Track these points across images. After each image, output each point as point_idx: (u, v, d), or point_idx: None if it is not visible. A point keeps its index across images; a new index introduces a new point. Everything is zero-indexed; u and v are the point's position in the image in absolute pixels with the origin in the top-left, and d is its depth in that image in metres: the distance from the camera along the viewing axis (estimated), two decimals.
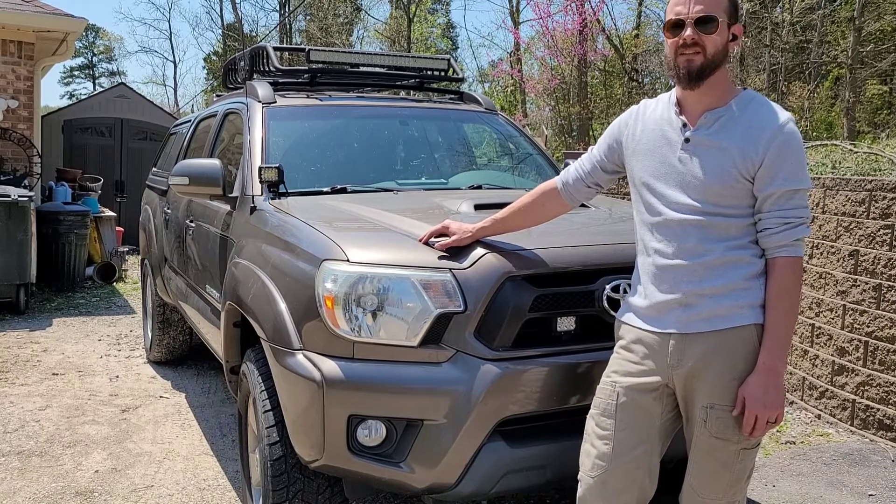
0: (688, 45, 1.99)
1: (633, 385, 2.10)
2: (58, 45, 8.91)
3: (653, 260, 2.09)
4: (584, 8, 14.68)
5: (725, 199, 1.99)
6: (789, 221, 1.96)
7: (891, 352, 4.09)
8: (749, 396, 1.96)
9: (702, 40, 1.98)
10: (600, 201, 3.51)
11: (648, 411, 2.10)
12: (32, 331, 6.45)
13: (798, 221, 1.96)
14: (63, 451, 3.89)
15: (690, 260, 2.02)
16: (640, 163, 2.16)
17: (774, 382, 1.95)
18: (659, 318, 2.07)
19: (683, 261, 2.03)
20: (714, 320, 2.00)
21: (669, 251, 2.05)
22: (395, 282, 2.36)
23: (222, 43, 34.40)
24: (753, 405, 1.95)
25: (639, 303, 2.13)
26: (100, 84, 45.32)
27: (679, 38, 2.00)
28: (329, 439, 2.36)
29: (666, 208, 2.06)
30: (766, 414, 1.95)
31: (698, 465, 2.08)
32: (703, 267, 2.00)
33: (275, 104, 3.78)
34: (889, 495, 3.55)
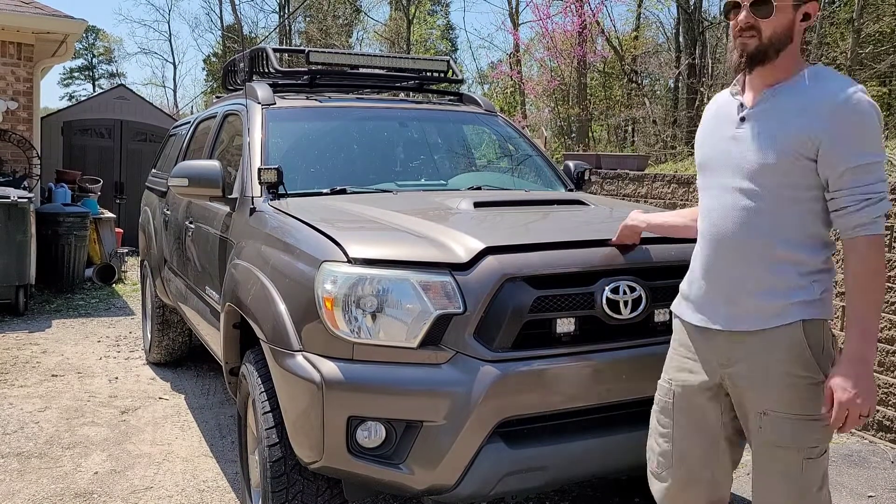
0: (744, 29, 1.89)
1: (686, 383, 2.06)
2: (57, 46, 8.91)
3: (703, 250, 2.02)
4: (583, 9, 14.69)
5: (781, 179, 1.87)
6: (869, 197, 1.80)
7: (890, 353, 4.09)
8: (837, 388, 1.80)
9: (757, 24, 1.87)
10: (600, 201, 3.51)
11: (705, 411, 2.04)
12: (32, 332, 6.45)
13: (878, 197, 1.81)
14: (62, 453, 3.88)
15: (739, 251, 1.93)
16: (698, 153, 2.09)
17: (865, 372, 1.79)
18: (707, 312, 2.00)
19: (731, 251, 1.94)
20: (760, 318, 1.90)
21: (717, 240, 1.97)
22: (394, 283, 2.36)
23: (222, 44, 34.39)
24: (844, 395, 1.78)
25: (690, 295, 2.07)
26: (99, 85, 45.33)
27: (736, 21, 1.91)
28: (328, 441, 2.35)
29: (717, 193, 1.98)
30: (858, 407, 1.78)
31: (759, 475, 1.97)
32: (752, 260, 1.91)
33: (274, 105, 3.78)
34: (888, 496, 3.55)
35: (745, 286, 1.92)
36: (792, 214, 1.88)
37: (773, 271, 1.89)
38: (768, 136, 1.89)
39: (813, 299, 1.89)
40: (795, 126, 1.85)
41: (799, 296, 1.88)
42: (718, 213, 1.97)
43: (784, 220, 1.88)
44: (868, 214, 1.80)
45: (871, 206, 1.80)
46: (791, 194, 1.87)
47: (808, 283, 1.89)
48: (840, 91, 1.82)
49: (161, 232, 5.05)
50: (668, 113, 17.69)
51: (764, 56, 1.89)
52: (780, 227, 1.89)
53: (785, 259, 1.89)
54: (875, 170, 1.81)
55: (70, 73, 47.30)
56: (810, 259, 1.90)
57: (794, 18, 1.89)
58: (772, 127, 1.89)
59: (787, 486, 1.92)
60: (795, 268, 1.89)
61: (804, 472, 1.91)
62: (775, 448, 1.91)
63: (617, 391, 2.51)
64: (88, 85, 47.21)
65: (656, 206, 5.84)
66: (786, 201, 1.88)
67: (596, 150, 15.04)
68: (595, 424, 2.51)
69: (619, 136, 19.68)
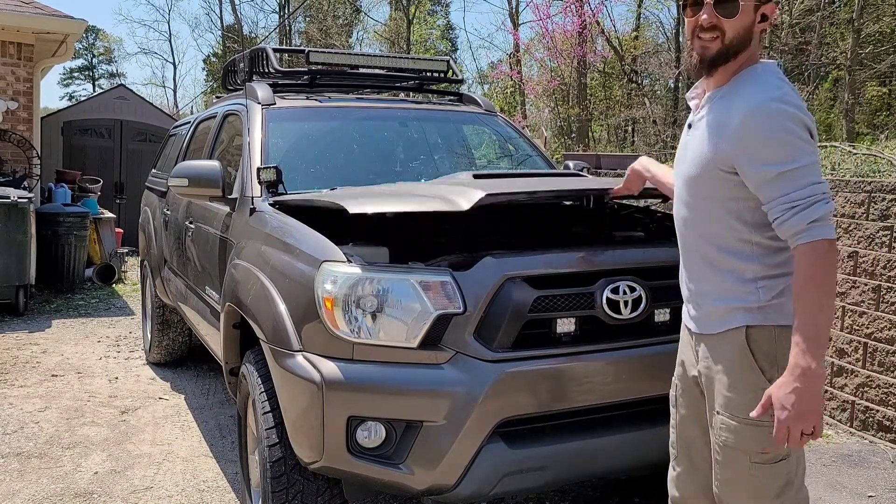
0: (705, 29, 1.81)
1: (682, 376, 2.11)
2: (57, 46, 8.90)
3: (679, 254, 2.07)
4: (583, 9, 14.69)
5: (707, 191, 1.84)
6: (796, 204, 1.72)
7: (890, 353, 4.09)
8: (777, 402, 1.72)
9: (721, 24, 1.79)
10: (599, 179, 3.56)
11: (698, 405, 2.06)
12: (32, 332, 6.45)
13: (807, 202, 1.71)
14: (62, 453, 3.88)
15: (690, 256, 1.98)
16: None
17: (808, 387, 1.69)
18: (687, 312, 2.06)
19: (686, 257, 2.00)
20: (713, 322, 1.93)
21: (679, 245, 2.03)
22: (394, 283, 2.36)
23: (222, 44, 34.40)
24: (782, 414, 1.71)
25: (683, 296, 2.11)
26: (99, 86, 45.32)
27: (697, 20, 1.83)
28: (328, 441, 2.35)
29: (675, 201, 2.02)
30: (800, 424, 1.70)
31: (718, 473, 1.96)
32: (700, 265, 1.95)
33: (274, 106, 3.78)
34: (889, 496, 3.55)
35: (700, 290, 1.97)
36: (721, 223, 1.87)
37: (717, 277, 1.91)
38: (697, 147, 1.88)
39: (759, 305, 1.85)
40: (713, 141, 1.83)
41: (743, 301, 1.86)
42: (676, 220, 2.04)
43: (716, 229, 1.88)
44: (800, 221, 1.72)
45: (801, 212, 1.72)
46: (718, 205, 1.86)
47: (752, 289, 1.85)
48: (749, 101, 1.76)
49: (161, 232, 5.05)
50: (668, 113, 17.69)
51: (724, 59, 1.82)
52: (713, 234, 1.89)
53: (723, 265, 1.90)
54: (797, 176, 1.72)
55: (70, 73, 47.32)
56: (748, 266, 1.85)
57: (754, 19, 1.83)
58: (700, 139, 1.88)
59: (741, 486, 1.92)
60: (733, 274, 1.88)
61: (753, 477, 1.88)
62: (726, 448, 1.92)
63: (617, 391, 2.51)
64: (88, 85, 47.24)
65: (656, 207, 5.84)
66: (715, 211, 1.87)
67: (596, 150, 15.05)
68: (595, 424, 2.51)
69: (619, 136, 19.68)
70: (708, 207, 1.88)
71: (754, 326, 1.86)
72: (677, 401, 2.15)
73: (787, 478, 1.90)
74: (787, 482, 1.90)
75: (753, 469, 1.87)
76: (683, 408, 2.12)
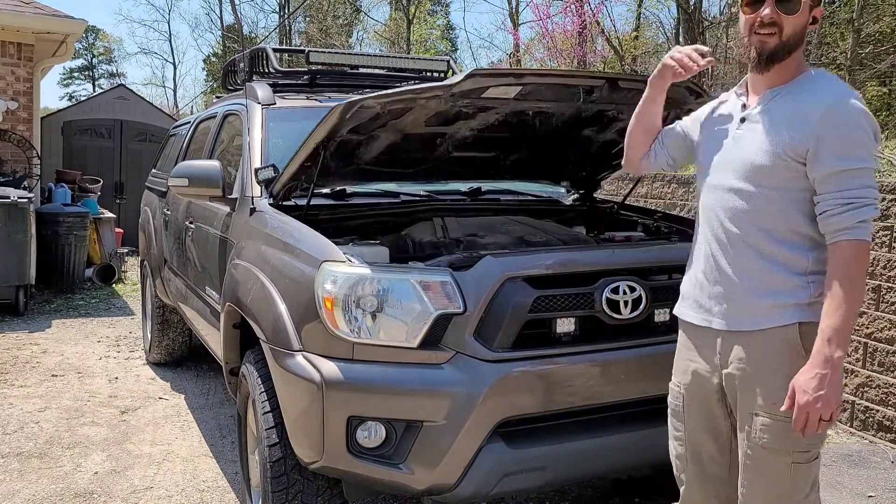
0: (764, 25, 1.86)
1: (693, 385, 2.06)
2: (57, 46, 8.90)
3: (703, 249, 2.02)
4: (583, 9, 14.68)
5: (773, 181, 1.87)
6: (852, 202, 1.79)
7: (890, 353, 4.09)
8: (799, 389, 1.78)
9: (781, 20, 1.85)
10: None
11: (713, 411, 2.04)
12: (32, 332, 6.45)
13: (861, 202, 1.79)
14: (62, 453, 3.88)
15: (734, 250, 1.93)
16: (699, 151, 2.09)
17: (829, 375, 1.76)
18: (707, 312, 1.99)
19: (727, 251, 1.94)
20: (756, 318, 1.90)
21: (715, 240, 1.97)
22: (394, 283, 2.36)
23: (222, 44, 34.39)
24: (803, 398, 1.77)
25: (691, 295, 2.06)
26: (99, 86, 45.28)
27: (756, 16, 1.87)
28: (328, 441, 2.35)
29: (715, 191, 1.98)
30: (819, 410, 1.76)
31: (747, 477, 1.94)
32: (746, 259, 1.91)
33: (274, 105, 3.78)
34: (889, 496, 3.55)
35: (743, 285, 1.92)
36: (783, 215, 1.88)
37: (768, 271, 1.89)
38: (763, 138, 1.89)
39: (809, 301, 1.88)
40: (788, 130, 1.86)
41: (794, 297, 1.88)
42: (716, 212, 1.98)
43: (775, 220, 1.89)
44: (850, 219, 1.79)
45: (853, 210, 1.79)
46: (783, 196, 1.88)
47: (804, 283, 1.88)
48: (832, 96, 1.82)
49: (161, 232, 5.05)
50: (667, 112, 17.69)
51: (781, 55, 1.88)
52: (772, 227, 1.89)
53: (778, 259, 1.89)
54: (859, 175, 1.80)
55: (70, 73, 47.27)
56: (802, 259, 1.88)
57: (808, 19, 1.89)
58: (767, 129, 1.89)
59: (774, 490, 1.91)
60: (787, 268, 1.88)
61: (791, 477, 1.89)
62: (763, 450, 1.90)
63: (617, 391, 2.51)
64: (88, 85, 47.19)
65: (656, 206, 5.85)
66: (777, 202, 1.88)
67: None
68: (595, 424, 2.51)
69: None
70: (771, 197, 1.88)
71: (807, 323, 1.87)
72: (684, 411, 2.10)
73: (814, 478, 1.93)
74: (814, 482, 1.94)
75: (792, 469, 1.88)
76: (693, 418, 2.08)
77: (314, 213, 3.15)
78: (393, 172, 3.37)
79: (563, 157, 3.61)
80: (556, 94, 2.85)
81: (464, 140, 3.20)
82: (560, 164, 3.66)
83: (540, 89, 2.75)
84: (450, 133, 3.14)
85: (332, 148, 2.92)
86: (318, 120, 3.10)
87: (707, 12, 18.19)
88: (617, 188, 6.55)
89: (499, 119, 3.06)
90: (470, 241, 3.04)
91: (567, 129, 3.29)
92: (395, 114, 2.78)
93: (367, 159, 3.17)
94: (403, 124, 2.90)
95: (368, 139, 3.00)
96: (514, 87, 2.67)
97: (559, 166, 3.69)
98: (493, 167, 3.57)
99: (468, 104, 2.81)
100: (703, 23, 17.13)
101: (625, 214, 3.77)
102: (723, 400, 2.03)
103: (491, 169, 3.59)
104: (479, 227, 3.25)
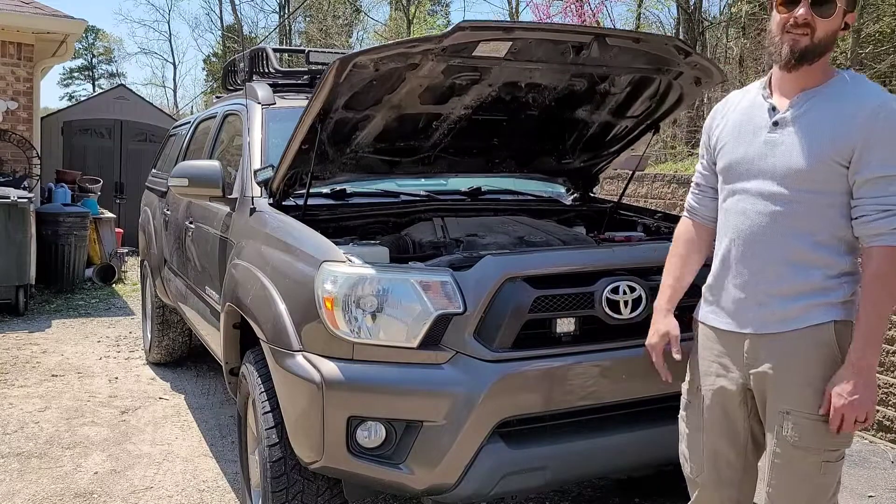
0: (798, 25, 1.86)
1: (715, 387, 2.05)
2: (57, 46, 8.90)
3: (732, 253, 2.00)
4: (583, 9, 14.69)
5: (813, 184, 1.86)
6: (889, 209, 1.80)
7: (890, 353, 4.09)
8: (836, 393, 1.83)
9: (814, 22, 1.85)
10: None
11: (733, 415, 2.04)
12: (31, 332, 6.45)
13: None
14: (62, 453, 3.88)
15: (770, 254, 1.92)
16: (725, 154, 2.06)
17: (864, 378, 1.81)
18: (737, 316, 1.99)
19: (759, 255, 1.93)
20: (789, 321, 1.90)
21: (749, 243, 1.95)
22: (394, 283, 2.36)
23: (222, 44, 34.40)
24: (839, 402, 1.82)
25: (717, 300, 2.05)
26: (99, 86, 45.27)
27: (790, 16, 1.87)
28: (328, 441, 2.35)
29: (748, 196, 1.96)
30: (855, 412, 1.81)
31: (776, 476, 1.95)
32: (781, 263, 1.90)
33: (274, 105, 3.78)
34: (888, 496, 3.55)
35: (777, 289, 1.92)
36: (823, 218, 1.88)
37: (805, 274, 1.89)
38: (805, 141, 1.88)
39: (843, 300, 1.89)
40: (831, 132, 1.85)
41: (829, 297, 1.89)
42: (748, 216, 1.96)
43: (815, 223, 1.89)
44: (886, 225, 1.80)
45: (891, 217, 1.80)
46: (824, 199, 1.88)
47: (838, 284, 1.89)
48: (876, 99, 1.84)
49: (161, 232, 5.05)
50: None
51: (811, 56, 1.89)
52: (811, 230, 1.89)
53: (815, 262, 1.89)
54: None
55: (70, 73, 47.28)
56: (839, 262, 1.90)
57: (840, 25, 1.90)
58: (809, 133, 1.88)
59: (804, 488, 1.91)
60: (824, 270, 1.89)
61: (822, 476, 1.90)
62: (795, 449, 1.90)
63: (617, 391, 2.51)
64: (88, 85, 47.19)
65: (656, 206, 5.84)
66: (818, 206, 1.88)
67: None
68: (595, 424, 2.51)
69: None
70: (813, 201, 1.88)
71: (841, 321, 1.89)
72: (703, 414, 2.09)
73: (839, 476, 1.96)
74: (839, 481, 1.96)
75: (823, 468, 1.90)
76: (713, 422, 2.08)
77: (314, 214, 3.15)
78: (391, 161, 3.35)
79: (559, 144, 3.59)
80: (546, 53, 2.80)
81: (459, 123, 3.20)
82: (556, 153, 3.65)
83: (529, 46, 2.72)
84: (444, 114, 3.13)
85: (328, 128, 2.92)
86: None
87: (707, 12, 18.19)
88: (617, 188, 6.55)
89: (492, 95, 3.05)
90: (470, 241, 3.03)
91: (561, 109, 3.29)
92: (389, 84, 2.78)
93: (363, 144, 3.16)
94: (398, 99, 2.90)
95: (364, 120, 3.00)
96: (505, 43, 2.65)
97: (556, 156, 3.68)
98: (489, 156, 3.55)
99: (460, 67, 2.78)
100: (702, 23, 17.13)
101: (625, 214, 3.77)
102: (745, 402, 2.03)
103: (487, 158, 3.58)
104: (479, 227, 3.25)
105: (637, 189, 6.37)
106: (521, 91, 3.08)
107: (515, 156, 3.61)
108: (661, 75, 3.08)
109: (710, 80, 3.10)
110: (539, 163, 3.71)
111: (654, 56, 2.94)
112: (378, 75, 2.69)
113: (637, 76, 3.11)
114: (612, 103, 3.30)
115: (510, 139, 3.46)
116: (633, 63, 2.97)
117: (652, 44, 2.89)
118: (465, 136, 3.29)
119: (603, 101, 3.27)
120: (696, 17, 16.71)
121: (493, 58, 2.73)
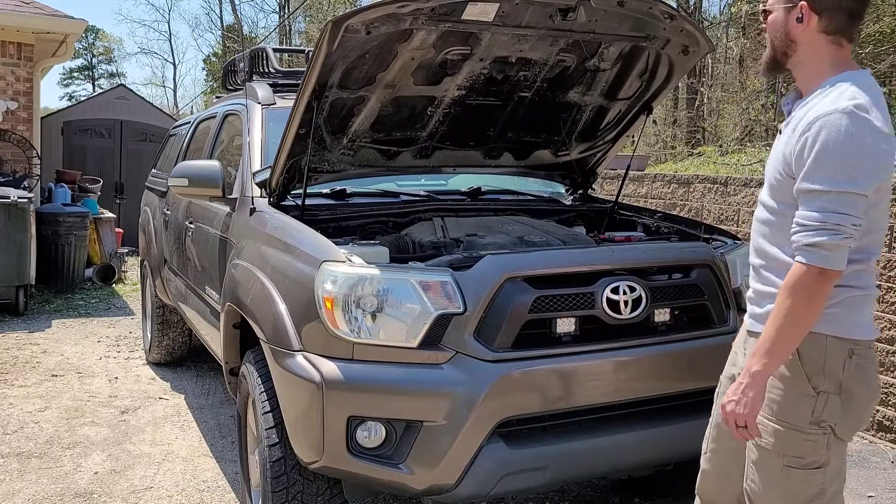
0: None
1: (725, 377, 2.11)
2: (57, 46, 8.90)
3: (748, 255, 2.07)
4: None
5: (778, 195, 1.88)
6: (804, 224, 1.76)
7: (890, 353, 4.09)
8: (726, 394, 1.88)
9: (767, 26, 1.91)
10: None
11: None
12: (31, 332, 6.45)
13: (815, 226, 1.73)
14: (62, 453, 3.88)
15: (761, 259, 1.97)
16: None
17: (751, 384, 1.81)
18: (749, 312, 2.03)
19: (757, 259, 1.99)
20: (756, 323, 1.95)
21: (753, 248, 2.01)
22: (394, 283, 2.36)
23: (222, 44, 34.38)
24: (725, 401, 1.87)
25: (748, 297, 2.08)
26: (99, 86, 45.24)
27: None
28: (328, 440, 2.35)
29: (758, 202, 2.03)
30: (734, 416, 1.84)
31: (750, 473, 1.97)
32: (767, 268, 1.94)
33: (274, 105, 3.78)
34: (888, 496, 3.55)
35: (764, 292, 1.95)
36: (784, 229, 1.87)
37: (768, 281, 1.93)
38: (775, 154, 1.92)
39: None
40: (783, 144, 1.87)
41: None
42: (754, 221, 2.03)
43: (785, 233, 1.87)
44: (798, 240, 1.77)
45: (801, 233, 1.76)
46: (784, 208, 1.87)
47: None
48: (822, 110, 1.76)
49: (161, 232, 5.05)
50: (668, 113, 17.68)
51: (777, 62, 1.91)
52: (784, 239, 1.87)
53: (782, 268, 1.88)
54: (819, 198, 1.73)
55: (70, 73, 47.23)
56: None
57: (787, 21, 1.86)
58: (779, 145, 1.91)
59: (773, 490, 1.91)
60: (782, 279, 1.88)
61: (787, 480, 1.88)
62: (758, 447, 1.92)
63: (617, 391, 2.51)
64: (88, 85, 47.15)
65: (656, 206, 5.85)
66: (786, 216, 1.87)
67: None
68: (595, 424, 2.51)
69: None
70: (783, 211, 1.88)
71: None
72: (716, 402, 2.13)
73: (819, 487, 1.89)
74: (820, 492, 1.89)
75: (785, 472, 1.88)
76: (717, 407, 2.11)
77: (314, 213, 3.15)
78: (388, 152, 3.36)
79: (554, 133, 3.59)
80: (533, 17, 2.77)
81: (454, 108, 3.20)
82: (553, 143, 3.65)
83: (517, 9, 2.69)
84: (438, 97, 3.14)
85: (324, 110, 2.91)
86: None
87: (707, 12, 18.19)
88: (618, 188, 6.55)
89: (484, 73, 3.05)
90: (470, 241, 3.03)
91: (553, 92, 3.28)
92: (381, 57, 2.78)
93: (360, 133, 3.16)
94: (391, 77, 2.89)
95: (359, 103, 3.00)
96: (493, 5, 2.63)
97: (552, 147, 3.67)
98: (485, 146, 3.55)
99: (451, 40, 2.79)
100: (702, 23, 17.13)
101: (624, 214, 3.77)
102: None
103: (484, 150, 3.57)
104: (479, 227, 3.25)
105: (637, 189, 6.37)
106: (512, 69, 3.08)
107: (512, 147, 3.60)
108: (649, 43, 3.05)
109: (697, 48, 3.08)
110: (536, 155, 3.70)
111: (640, 21, 2.93)
112: (371, 47, 2.68)
113: (626, 48, 3.10)
114: (604, 83, 3.29)
115: (506, 127, 3.46)
116: (619, 29, 2.95)
117: (636, 6, 2.85)
118: (460, 124, 3.29)
119: (594, 80, 3.26)
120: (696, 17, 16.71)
121: (481, 21, 2.71)
